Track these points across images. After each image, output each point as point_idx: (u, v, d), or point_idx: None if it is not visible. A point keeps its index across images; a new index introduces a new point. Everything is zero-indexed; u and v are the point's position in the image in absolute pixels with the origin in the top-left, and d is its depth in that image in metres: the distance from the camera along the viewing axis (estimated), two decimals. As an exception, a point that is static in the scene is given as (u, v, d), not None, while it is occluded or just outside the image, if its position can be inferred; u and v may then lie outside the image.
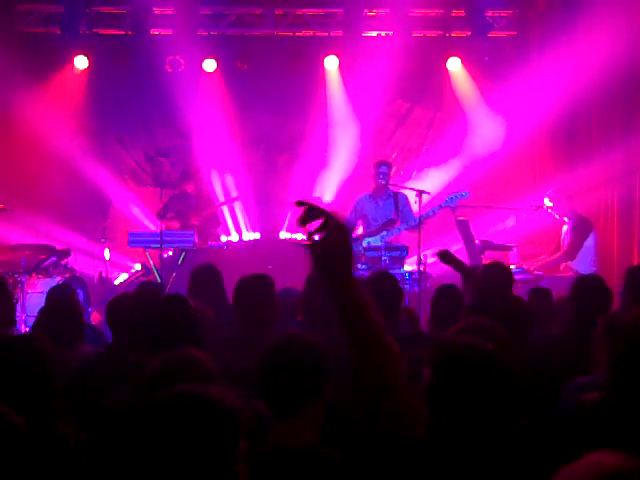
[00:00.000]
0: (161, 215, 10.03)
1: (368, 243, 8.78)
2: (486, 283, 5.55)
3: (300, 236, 10.98)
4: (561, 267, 8.74)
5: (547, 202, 8.82)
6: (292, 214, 11.31)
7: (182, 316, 3.45)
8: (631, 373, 2.75)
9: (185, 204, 10.02)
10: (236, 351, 4.11)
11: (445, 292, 5.17)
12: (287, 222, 11.32)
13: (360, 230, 9.09)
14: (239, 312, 4.48)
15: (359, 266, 8.52)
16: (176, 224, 9.92)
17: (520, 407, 2.75)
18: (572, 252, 8.57)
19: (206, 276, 5.57)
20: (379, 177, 8.88)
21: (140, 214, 11.12)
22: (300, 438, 2.60)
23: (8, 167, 10.75)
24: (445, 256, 5.44)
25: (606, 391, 2.91)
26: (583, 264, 8.52)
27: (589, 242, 8.62)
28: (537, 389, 3.70)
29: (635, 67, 8.94)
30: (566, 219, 8.78)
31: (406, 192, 9.04)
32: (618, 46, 8.84)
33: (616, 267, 8.70)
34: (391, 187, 9.02)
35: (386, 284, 4.81)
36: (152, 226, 10.27)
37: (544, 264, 8.76)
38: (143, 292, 5.21)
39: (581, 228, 8.61)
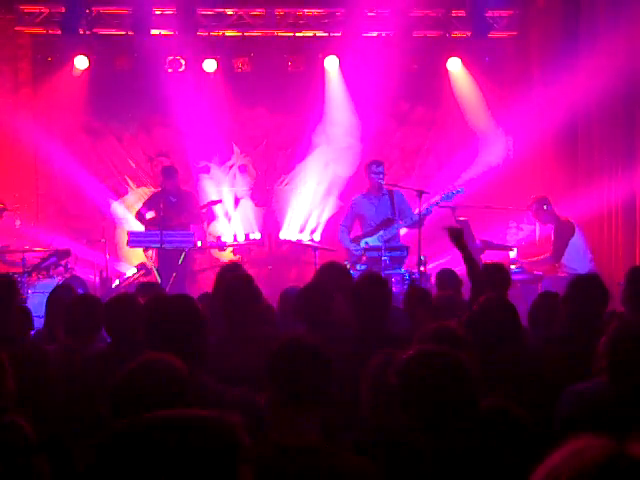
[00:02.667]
0: (140, 215, 9.97)
1: (367, 243, 8.78)
2: (483, 283, 5.57)
3: (298, 236, 10.98)
4: (559, 268, 8.77)
5: (529, 212, 8.99)
6: (292, 215, 11.34)
7: (190, 316, 3.44)
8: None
9: (164, 203, 9.72)
10: (228, 350, 4.12)
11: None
12: (291, 222, 11.31)
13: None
14: (225, 311, 4.47)
15: (358, 267, 8.51)
16: (154, 225, 9.72)
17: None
18: (556, 254, 8.73)
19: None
20: (379, 176, 8.87)
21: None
22: (303, 436, 2.61)
23: (8, 167, 10.76)
24: (455, 235, 5.42)
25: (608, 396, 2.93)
26: (577, 262, 8.58)
27: (576, 241, 8.69)
28: (534, 392, 3.70)
29: (636, 66, 8.93)
30: (550, 225, 8.90)
31: (406, 192, 9.04)
32: (619, 45, 8.85)
33: (621, 266, 8.72)
34: (388, 186, 9.00)
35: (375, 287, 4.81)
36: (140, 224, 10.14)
37: (532, 262, 8.86)
38: (145, 293, 5.21)
39: (562, 231, 8.76)
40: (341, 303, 4.79)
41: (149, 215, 9.87)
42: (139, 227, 10.30)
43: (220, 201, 10.55)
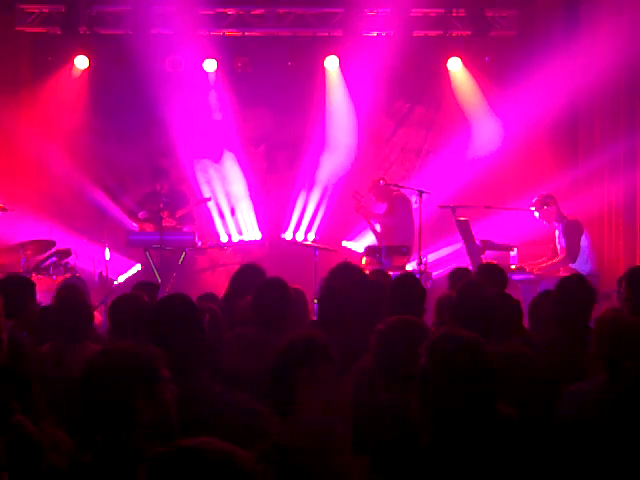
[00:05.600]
0: (133, 215, 10.01)
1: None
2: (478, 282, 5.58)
3: (298, 236, 10.97)
4: (560, 268, 8.74)
5: (533, 210, 8.88)
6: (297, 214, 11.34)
7: (183, 315, 3.43)
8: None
9: (157, 204, 9.77)
10: (253, 353, 4.10)
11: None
12: (291, 222, 11.31)
13: None
14: (260, 315, 4.48)
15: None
16: (150, 225, 9.79)
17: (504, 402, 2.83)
18: (572, 255, 8.62)
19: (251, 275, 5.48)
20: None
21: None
22: (302, 437, 2.60)
23: (8, 167, 10.75)
24: None
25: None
26: (580, 263, 8.56)
27: (582, 242, 8.66)
28: (533, 393, 3.70)
29: (636, 66, 8.93)
30: (556, 224, 8.83)
31: (406, 192, 9.07)
32: (619, 45, 8.85)
33: (622, 266, 8.71)
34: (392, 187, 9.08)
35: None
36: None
37: (545, 268, 8.76)
38: (142, 292, 5.21)
39: (572, 230, 8.66)
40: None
41: (142, 215, 9.90)
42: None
43: (210, 199, 10.57)
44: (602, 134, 9.65)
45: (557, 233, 8.87)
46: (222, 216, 11.34)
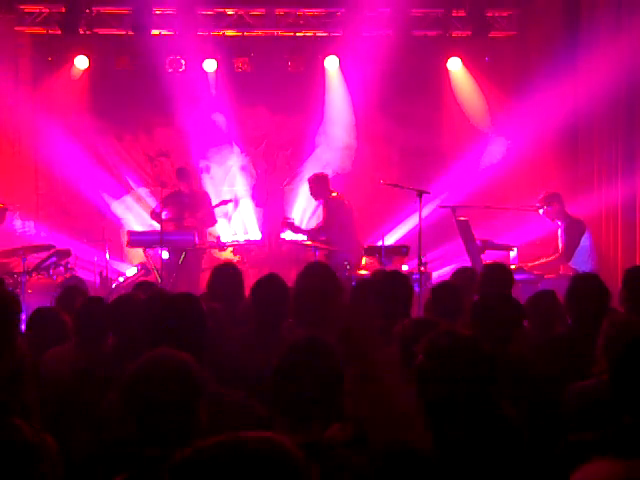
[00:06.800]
0: (156, 214, 10.01)
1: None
2: (486, 283, 5.58)
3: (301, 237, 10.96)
4: (560, 267, 8.75)
5: (538, 207, 8.88)
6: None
7: (193, 315, 3.42)
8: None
9: (179, 204, 9.88)
10: (252, 351, 4.10)
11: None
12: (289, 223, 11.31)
13: None
14: (257, 312, 4.47)
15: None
16: (171, 225, 9.84)
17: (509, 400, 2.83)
18: (568, 254, 8.61)
19: (227, 274, 5.50)
20: None
21: (140, 214, 11.12)
22: (302, 434, 2.59)
23: (8, 167, 10.76)
24: None
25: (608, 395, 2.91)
26: (580, 263, 8.55)
27: (584, 242, 8.65)
28: (538, 391, 3.70)
29: (638, 66, 8.93)
30: (559, 222, 8.82)
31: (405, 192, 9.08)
32: (619, 45, 8.85)
33: (620, 267, 8.71)
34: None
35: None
36: (155, 223, 10.14)
37: (541, 265, 8.77)
38: (143, 292, 5.21)
39: (573, 229, 8.66)
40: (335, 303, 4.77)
41: (164, 214, 9.91)
42: (139, 227, 10.32)
43: (231, 200, 10.61)
44: (602, 133, 9.65)
45: (559, 232, 8.87)
46: (223, 216, 11.34)
